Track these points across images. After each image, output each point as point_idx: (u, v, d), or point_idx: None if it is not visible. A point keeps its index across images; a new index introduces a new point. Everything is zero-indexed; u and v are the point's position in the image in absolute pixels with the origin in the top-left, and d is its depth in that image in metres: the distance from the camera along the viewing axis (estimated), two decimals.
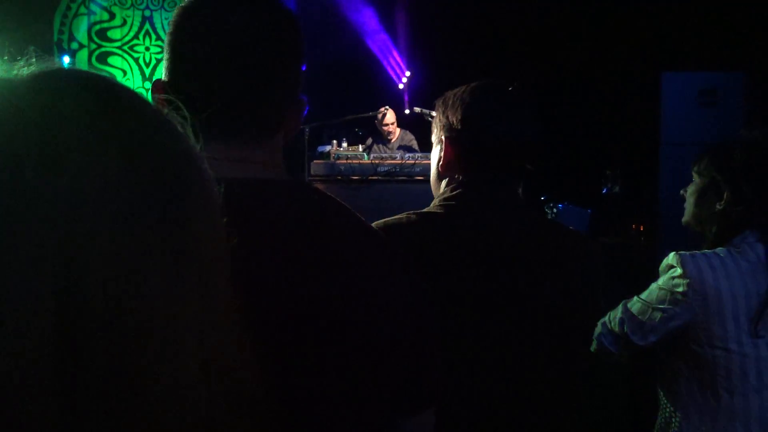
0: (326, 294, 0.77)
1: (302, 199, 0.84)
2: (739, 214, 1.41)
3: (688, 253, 1.38)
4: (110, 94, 0.48)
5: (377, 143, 5.01)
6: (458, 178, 1.34)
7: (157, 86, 0.83)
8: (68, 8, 6.18)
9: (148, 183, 0.46)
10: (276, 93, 0.84)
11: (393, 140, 4.99)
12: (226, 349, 0.52)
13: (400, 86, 6.49)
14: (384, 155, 4.19)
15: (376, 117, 4.90)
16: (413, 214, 1.32)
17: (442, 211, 1.35)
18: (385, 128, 4.90)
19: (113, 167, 0.44)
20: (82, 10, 6.18)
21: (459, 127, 1.32)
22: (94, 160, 0.44)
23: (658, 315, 1.38)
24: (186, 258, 0.47)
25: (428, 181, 1.46)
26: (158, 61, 6.33)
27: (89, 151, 0.44)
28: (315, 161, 4.23)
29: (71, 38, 6.19)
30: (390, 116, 4.91)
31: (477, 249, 1.26)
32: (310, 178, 4.10)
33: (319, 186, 3.90)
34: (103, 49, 6.24)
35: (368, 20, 6.38)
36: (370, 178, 3.89)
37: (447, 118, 1.37)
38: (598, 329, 1.47)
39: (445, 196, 1.36)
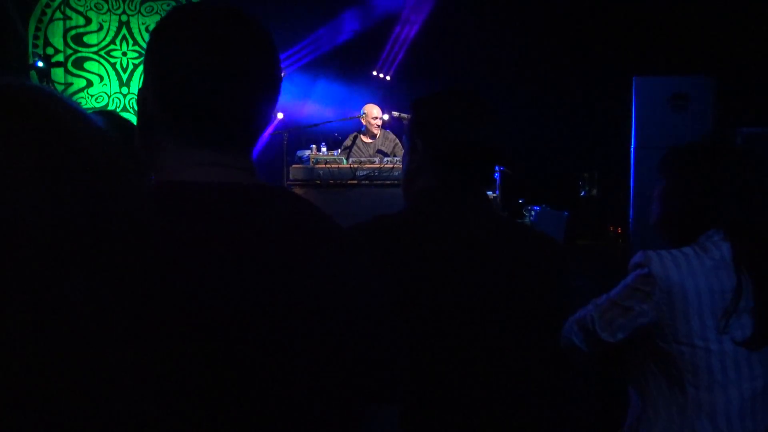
0: (300, 290, 0.81)
1: (283, 202, 0.88)
2: (703, 214, 1.45)
3: (654, 251, 1.42)
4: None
5: (362, 134, 5.01)
6: (428, 181, 1.37)
7: (143, 95, 0.87)
8: (43, 13, 6.13)
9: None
10: (264, 105, 0.89)
11: (377, 137, 5.01)
12: None
13: (381, 75, 6.55)
14: (362, 159, 4.21)
15: (360, 116, 4.91)
16: (384, 216, 1.35)
17: (411, 213, 1.38)
18: (374, 121, 4.91)
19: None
20: (58, 15, 6.13)
21: (429, 131, 1.35)
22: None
23: (626, 312, 1.41)
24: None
25: None
26: (135, 66, 6.30)
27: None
28: (294, 166, 4.24)
29: (47, 43, 6.13)
30: (378, 111, 4.94)
31: (444, 250, 1.28)
32: (288, 182, 4.11)
33: (298, 190, 3.92)
34: (79, 55, 6.19)
35: (348, 24, 6.41)
36: (348, 182, 3.92)
37: (418, 122, 1.40)
38: (567, 327, 1.50)
39: (415, 199, 1.39)
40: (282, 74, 0.94)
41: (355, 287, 0.88)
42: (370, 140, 5.00)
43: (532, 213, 4.59)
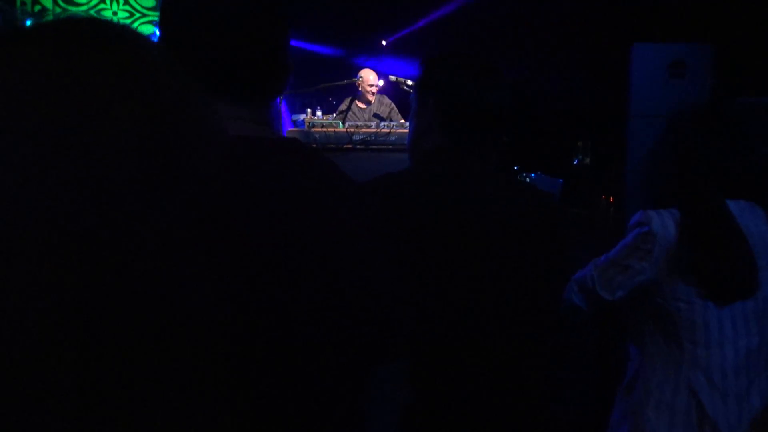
0: (311, 242, 0.82)
1: (301, 157, 0.90)
2: (697, 175, 1.46)
3: (654, 210, 1.45)
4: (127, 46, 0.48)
5: (357, 100, 4.99)
6: (437, 140, 1.38)
7: None
8: None
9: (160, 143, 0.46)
10: (271, 56, 0.90)
11: (372, 102, 4.99)
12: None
13: (383, 43, 6.48)
14: (359, 123, 4.19)
15: (356, 81, 4.88)
16: (391, 175, 1.36)
17: (420, 171, 1.39)
18: (370, 88, 4.89)
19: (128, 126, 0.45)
20: None
21: (442, 90, 1.36)
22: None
23: (626, 271, 1.45)
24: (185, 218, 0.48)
25: (404, 150, 1.49)
26: None
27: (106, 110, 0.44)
28: (290, 129, 4.22)
29: (35, 1, 6.00)
30: (374, 77, 4.91)
31: (452, 207, 1.30)
32: None
33: None
34: (68, 14, 6.07)
35: None
36: (345, 146, 3.91)
37: (429, 81, 1.40)
38: (567, 288, 1.53)
39: (424, 157, 1.40)
40: (289, 25, 0.95)
41: (366, 240, 0.89)
42: (364, 106, 4.98)
43: (527, 180, 4.61)
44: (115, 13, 6.17)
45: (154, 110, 0.46)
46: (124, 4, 6.20)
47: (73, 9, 6.12)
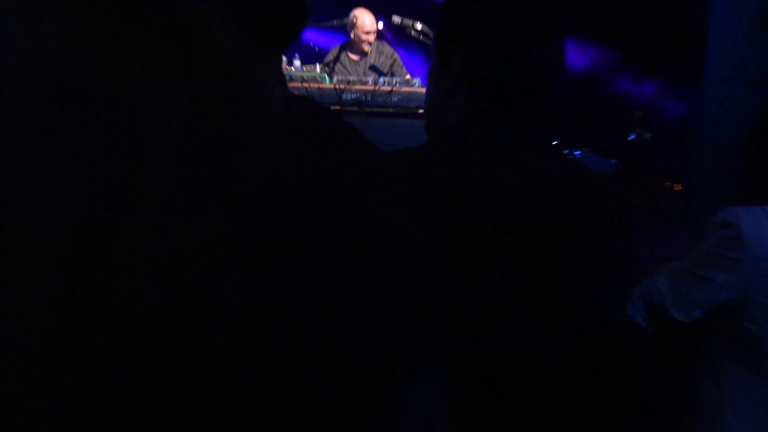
0: (344, 224, 0.89)
1: (318, 119, 0.95)
2: None
3: (744, 207, 1.46)
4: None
5: (348, 49, 4.98)
6: (464, 107, 1.40)
7: None
8: None
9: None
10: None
11: (369, 53, 4.97)
12: None
13: None
14: (351, 78, 4.19)
15: (346, 23, 4.88)
16: (405, 150, 1.39)
17: (441, 146, 1.41)
18: (366, 36, 4.87)
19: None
20: None
21: (471, 44, 1.37)
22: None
23: (705, 285, 1.46)
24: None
25: (409, 115, 1.51)
26: None
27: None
28: None
29: None
30: (372, 21, 4.88)
31: (481, 195, 1.33)
32: None
33: None
34: None
35: None
36: (333, 108, 3.90)
37: (454, 32, 1.42)
38: (631, 303, 1.54)
39: (446, 128, 1.42)
40: None
41: (399, 222, 0.97)
42: (357, 57, 4.96)
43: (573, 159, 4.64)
44: None
45: (208, 73, 0.55)
46: None
47: None
